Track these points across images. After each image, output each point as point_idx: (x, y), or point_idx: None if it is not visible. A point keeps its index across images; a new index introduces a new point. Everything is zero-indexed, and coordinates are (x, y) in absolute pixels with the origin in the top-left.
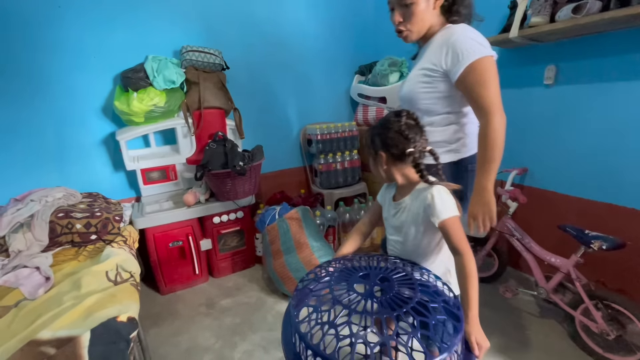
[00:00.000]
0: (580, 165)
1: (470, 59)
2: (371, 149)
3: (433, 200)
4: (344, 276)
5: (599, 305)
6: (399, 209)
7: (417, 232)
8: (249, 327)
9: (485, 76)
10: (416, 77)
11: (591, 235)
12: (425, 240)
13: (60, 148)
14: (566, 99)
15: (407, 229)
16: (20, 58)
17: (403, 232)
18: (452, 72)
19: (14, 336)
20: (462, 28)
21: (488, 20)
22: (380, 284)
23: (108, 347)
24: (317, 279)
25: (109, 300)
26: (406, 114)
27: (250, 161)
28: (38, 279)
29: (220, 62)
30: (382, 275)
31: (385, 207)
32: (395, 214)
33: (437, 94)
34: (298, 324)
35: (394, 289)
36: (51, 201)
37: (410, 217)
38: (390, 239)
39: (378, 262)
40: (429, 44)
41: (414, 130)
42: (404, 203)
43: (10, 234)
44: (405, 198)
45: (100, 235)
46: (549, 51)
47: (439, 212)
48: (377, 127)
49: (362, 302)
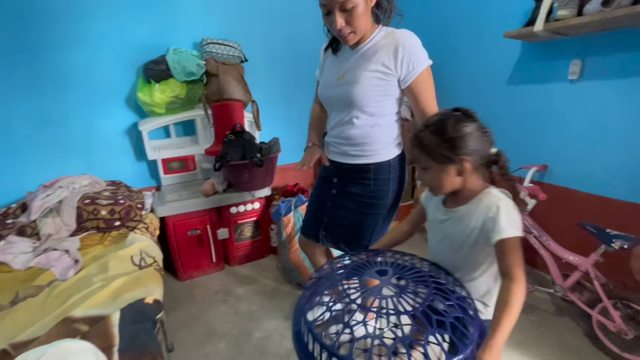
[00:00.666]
0: (604, 163)
1: (422, 67)
2: (444, 155)
3: (498, 214)
4: (359, 270)
5: (618, 304)
6: (450, 216)
7: (467, 245)
8: (265, 314)
9: (430, 83)
10: (367, 80)
11: (612, 234)
12: (473, 256)
13: (85, 137)
14: (591, 94)
15: (455, 239)
16: (49, 51)
17: (449, 241)
18: (406, 78)
19: (48, 313)
20: (409, 34)
21: (511, 13)
22: (395, 283)
23: (136, 326)
24: (332, 272)
25: (135, 283)
26: (464, 109)
27: (267, 153)
28: (68, 261)
29: (240, 54)
30: (399, 275)
31: (431, 211)
32: (444, 222)
33: (388, 97)
34: (311, 323)
35: (407, 288)
36: (78, 188)
37: (463, 228)
38: (433, 245)
39: (402, 260)
40: (368, 45)
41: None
42: (459, 212)
43: (41, 218)
44: (462, 207)
45: (124, 222)
46: (574, 45)
47: (501, 229)
48: (446, 127)
49: (374, 298)
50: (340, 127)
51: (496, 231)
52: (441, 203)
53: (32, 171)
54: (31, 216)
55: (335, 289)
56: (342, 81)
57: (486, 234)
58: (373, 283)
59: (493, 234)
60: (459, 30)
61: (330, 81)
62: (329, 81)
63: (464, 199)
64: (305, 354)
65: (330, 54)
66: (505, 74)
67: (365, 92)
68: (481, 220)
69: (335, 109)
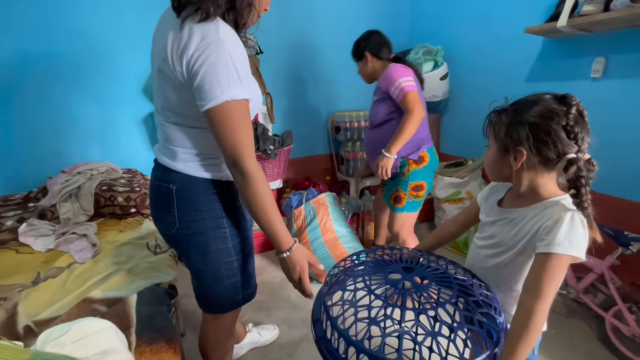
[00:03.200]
0: (625, 163)
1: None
2: (505, 137)
3: (560, 225)
4: (380, 267)
5: (633, 308)
6: (504, 217)
7: (512, 252)
8: (274, 304)
9: None
10: None
11: (630, 237)
12: (516, 267)
13: (103, 125)
14: (614, 93)
15: (500, 242)
16: (71, 41)
17: (492, 243)
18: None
19: (69, 293)
20: None
21: (533, 8)
22: (418, 282)
23: (153, 309)
24: (352, 267)
25: (151, 268)
26: (576, 101)
27: (280, 145)
28: (86, 245)
29: (255, 46)
30: (422, 275)
31: (486, 209)
32: (495, 222)
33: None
34: (334, 319)
35: (429, 286)
36: (96, 175)
37: (515, 232)
38: (474, 248)
39: (427, 261)
40: None
41: (581, 126)
42: (515, 214)
43: (61, 202)
44: (520, 209)
45: (139, 209)
46: (598, 42)
47: (554, 242)
48: (523, 109)
49: (397, 295)
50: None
51: (548, 241)
52: (497, 204)
53: (52, 157)
54: (51, 200)
55: (358, 281)
56: None
57: (534, 243)
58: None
59: (541, 243)
60: (478, 24)
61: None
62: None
63: (526, 201)
64: (327, 348)
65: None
66: (525, 70)
67: None
68: (536, 227)
69: None
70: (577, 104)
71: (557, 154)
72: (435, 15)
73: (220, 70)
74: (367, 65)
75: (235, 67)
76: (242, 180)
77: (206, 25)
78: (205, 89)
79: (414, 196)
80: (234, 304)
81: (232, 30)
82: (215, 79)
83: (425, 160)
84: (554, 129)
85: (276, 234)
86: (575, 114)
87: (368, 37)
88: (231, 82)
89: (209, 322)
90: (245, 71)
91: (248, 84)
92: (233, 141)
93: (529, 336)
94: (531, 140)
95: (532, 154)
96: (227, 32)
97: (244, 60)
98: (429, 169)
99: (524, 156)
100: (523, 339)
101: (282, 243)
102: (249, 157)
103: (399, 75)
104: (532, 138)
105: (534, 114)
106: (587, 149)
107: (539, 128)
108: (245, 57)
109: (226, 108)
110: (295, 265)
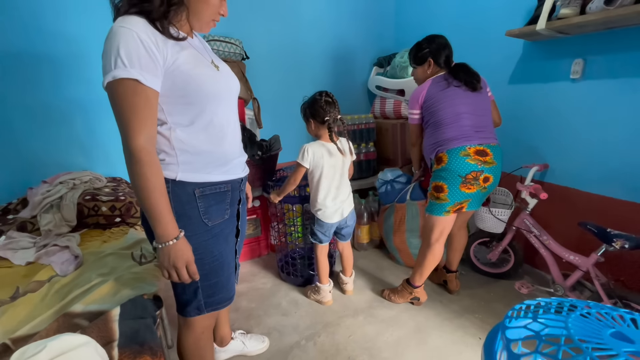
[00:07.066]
0: (605, 162)
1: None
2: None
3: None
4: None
5: (618, 304)
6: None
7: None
8: (264, 311)
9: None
10: None
11: (613, 234)
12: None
13: (86, 134)
14: (593, 94)
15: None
16: (52, 45)
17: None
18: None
19: (49, 308)
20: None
21: (513, 11)
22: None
23: (137, 321)
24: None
25: (135, 279)
26: (327, 94)
27: (268, 151)
28: (68, 257)
29: (241, 52)
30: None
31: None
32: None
33: None
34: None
35: None
36: (79, 184)
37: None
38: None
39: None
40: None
41: (330, 105)
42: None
43: (42, 214)
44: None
45: (124, 219)
46: (576, 44)
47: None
48: (304, 103)
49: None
50: None
51: None
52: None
53: (33, 167)
54: (32, 211)
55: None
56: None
57: None
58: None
59: None
60: (460, 28)
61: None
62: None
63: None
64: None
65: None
66: (507, 72)
67: None
68: None
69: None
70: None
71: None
72: (419, 20)
73: (106, 54)
74: (426, 72)
75: (121, 50)
76: (127, 159)
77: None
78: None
79: (435, 197)
80: (196, 309)
81: (135, 20)
82: (103, 62)
83: (443, 161)
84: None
85: (160, 219)
86: (325, 99)
87: (431, 41)
88: (117, 63)
89: (182, 327)
90: (140, 54)
91: (147, 68)
92: (119, 120)
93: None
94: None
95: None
96: (126, 21)
97: (138, 45)
98: (448, 171)
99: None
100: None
101: (167, 230)
102: (134, 138)
103: (409, 106)
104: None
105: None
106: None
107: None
108: (146, 42)
109: (110, 88)
110: (184, 253)
